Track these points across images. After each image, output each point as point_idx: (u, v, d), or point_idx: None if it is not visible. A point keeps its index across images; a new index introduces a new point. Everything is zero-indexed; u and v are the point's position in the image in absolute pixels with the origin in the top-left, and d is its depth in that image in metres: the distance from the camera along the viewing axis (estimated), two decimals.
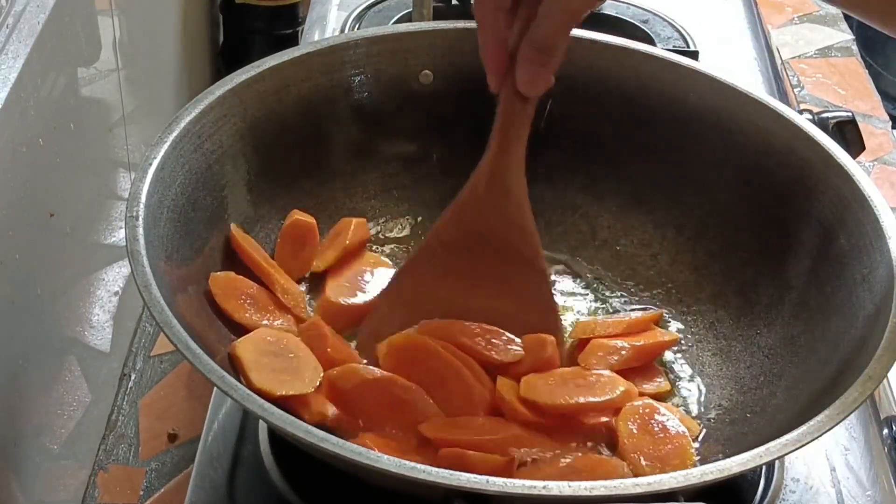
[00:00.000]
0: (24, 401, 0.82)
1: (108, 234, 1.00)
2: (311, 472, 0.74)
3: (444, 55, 0.91)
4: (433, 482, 0.60)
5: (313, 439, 0.61)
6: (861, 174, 0.79)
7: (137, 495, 0.92)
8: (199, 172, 0.80)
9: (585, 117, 0.91)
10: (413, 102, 0.91)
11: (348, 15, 1.17)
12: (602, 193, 0.92)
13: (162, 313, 0.66)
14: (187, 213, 0.77)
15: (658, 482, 0.61)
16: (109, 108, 1.00)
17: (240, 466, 0.77)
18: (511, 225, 0.79)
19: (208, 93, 0.82)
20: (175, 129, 0.78)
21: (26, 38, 0.80)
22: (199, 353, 0.64)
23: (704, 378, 0.82)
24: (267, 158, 0.86)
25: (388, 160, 0.92)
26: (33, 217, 0.82)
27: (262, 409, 0.63)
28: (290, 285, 0.81)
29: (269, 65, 0.85)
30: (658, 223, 0.90)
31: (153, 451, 0.95)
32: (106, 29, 0.98)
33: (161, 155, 0.76)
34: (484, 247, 0.79)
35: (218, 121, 0.82)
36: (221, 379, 0.64)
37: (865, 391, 0.66)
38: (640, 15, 1.18)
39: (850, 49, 1.44)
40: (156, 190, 0.74)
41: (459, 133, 0.92)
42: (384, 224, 0.91)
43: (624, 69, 0.90)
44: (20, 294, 0.80)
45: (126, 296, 1.02)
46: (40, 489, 0.85)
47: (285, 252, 0.84)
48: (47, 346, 0.87)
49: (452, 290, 0.80)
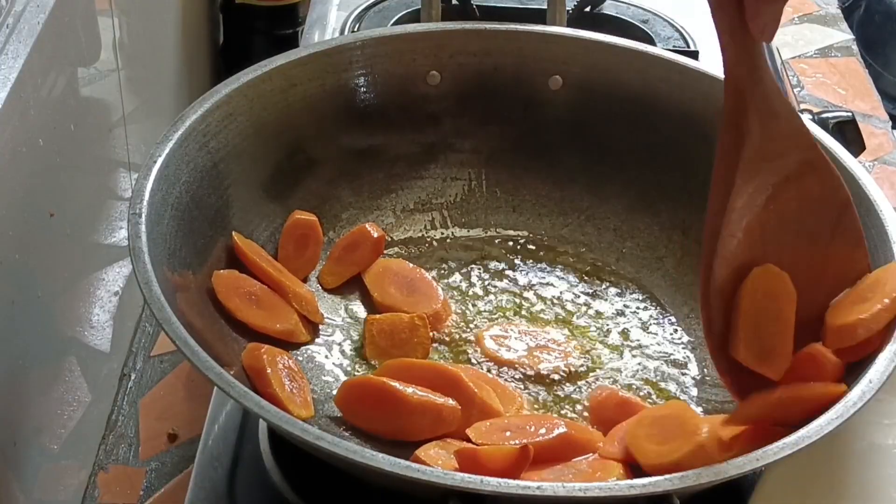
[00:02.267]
0: (24, 401, 0.82)
1: (108, 234, 1.00)
2: (310, 472, 0.74)
3: (451, 56, 0.91)
4: (427, 481, 0.60)
5: (309, 437, 0.61)
6: (865, 175, 0.79)
7: (137, 495, 0.92)
8: (204, 171, 0.80)
9: (592, 118, 0.91)
10: (420, 103, 0.91)
11: (348, 15, 1.17)
12: (608, 195, 0.92)
13: (162, 311, 0.66)
14: (191, 211, 0.77)
15: (653, 483, 0.61)
16: (109, 108, 1.00)
17: (240, 466, 0.77)
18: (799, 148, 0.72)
19: (214, 92, 0.82)
20: (180, 127, 0.78)
21: (26, 38, 0.80)
22: (198, 350, 0.64)
23: (708, 381, 0.82)
24: (272, 158, 0.86)
25: (394, 160, 0.92)
26: (33, 217, 0.82)
27: (259, 406, 0.63)
28: (302, 290, 0.81)
29: (276, 64, 0.85)
30: (664, 225, 0.90)
31: (153, 451, 0.95)
32: (106, 29, 0.98)
33: (166, 153, 0.76)
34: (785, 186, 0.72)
35: (224, 119, 0.82)
36: (220, 377, 0.64)
37: (865, 395, 0.66)
38: (640, 15, 1.18)
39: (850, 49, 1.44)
40: (160, 188, 0.74)
41: (466, 134, 0.92)
42: (390, 225, 0.91)
43: (630, 70, 0.90)
44: (20, 294, 0.80)
45: (126, 296, 1.02)
46: (40, 489, 0.85)
47: (288, 252, 0.84)
48: (47, 346, 0.87)
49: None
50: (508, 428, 0.72)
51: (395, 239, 0.91)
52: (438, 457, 0.69)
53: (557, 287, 0.88)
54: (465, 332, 0.84)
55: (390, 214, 0.91)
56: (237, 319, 0.77)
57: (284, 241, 0.85)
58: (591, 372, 0.81)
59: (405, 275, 0.86)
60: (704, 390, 0.81)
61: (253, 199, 0.84)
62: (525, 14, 1.12)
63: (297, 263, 0.84)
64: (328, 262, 0.87)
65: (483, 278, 0.89)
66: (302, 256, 0.85)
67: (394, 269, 0.87)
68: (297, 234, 0.85)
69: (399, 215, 0.92)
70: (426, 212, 0.92)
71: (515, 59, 0.92)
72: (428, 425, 0.72)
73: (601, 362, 0.82)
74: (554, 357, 0.82)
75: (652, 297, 0.88)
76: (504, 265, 0.90)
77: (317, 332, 0.82)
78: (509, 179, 0.93)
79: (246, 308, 0.77)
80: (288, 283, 0.80)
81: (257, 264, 0.80)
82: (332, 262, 0.87)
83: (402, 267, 0.87)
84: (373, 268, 0.87)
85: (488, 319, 0.85)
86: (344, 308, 0.85)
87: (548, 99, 0.92)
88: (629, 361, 0.83)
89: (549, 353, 0.82)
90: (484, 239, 0.92)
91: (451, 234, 0.92)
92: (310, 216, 0.85)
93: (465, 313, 0.85)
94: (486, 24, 0.92)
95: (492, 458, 0.66)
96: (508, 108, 0.92)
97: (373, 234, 0.87)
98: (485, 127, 0.92)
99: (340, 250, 0.87)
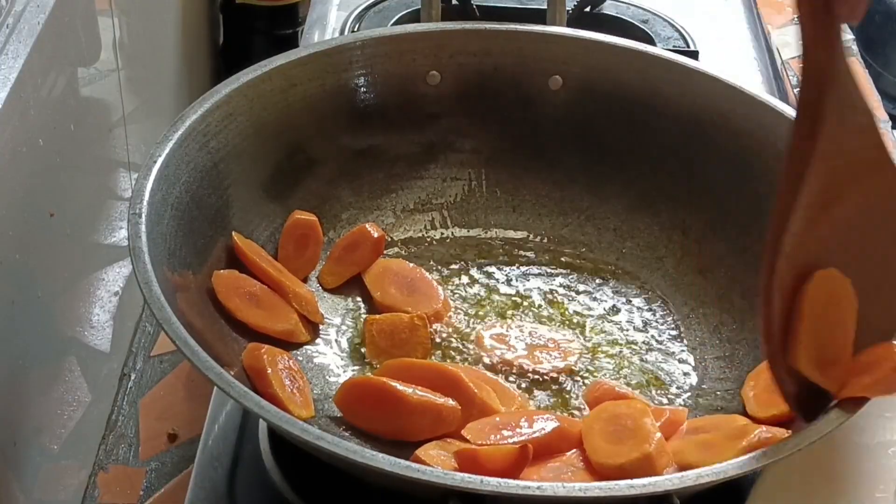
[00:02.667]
0: (24, 401, 0.82)
1: (108, 234, 1.00)
2: (310, 472, 0.74)
3: (451, 56, 0.91)
4: (427, 481, 0.60)
5: (310, 437, 0.61)
6: None
7: (137, 495, 0.92)
8: (205, 171, 0.80)
9: (592, 118, 0.92)
10: (420, 103, 0.91)
11: (348, 15, 1.17)
12: (608, 195, 0.92)
13: (162, 311, 0.66)
14: (191, 211, 0.77)
15: (653, 483, 0.61)
16: (109, 108, 1.00)
17: (240, 466, 0.77)
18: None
19: (214, 91, 0.82)
20: (180, 127, 0.78)
21: (26, 38, 0.80)
22: (198, 351, 0.64)
23: (707, 381, 0.82)
24: (272, 158, 0.86)
25: (394, 160, 0.92)
26: (33, 217, 0.82)
27: (259, 406, 0.63)
28: (302, 290, 0.81)
29: (276, 64, 0.85)
30: (664, 225, 0.90)
31: (153, 451, 0.95)
32: (106, 29, 0.98)
33: (166, 153, 0.76)
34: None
35: (224, 119, 0.82)
36: (220, 377, 0.64)
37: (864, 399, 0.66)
38: (640, 15, 1.18)
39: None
40: (160, 188, 0.74)
41: (466, 134, 0.92)
42: (389, 225, 0.91)
43: (630, 70, 0.90)
44: (20, 294, 0.80)
45: (126, 296, 1.02)
46: (40, 489, 0.85)
47: (288, 252, 0.84)
48: (47, 345, 0.87)
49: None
50: (502, 425, 0.72)
51: (395, 239, 0.91)
52: (438, 457, 0.69)
53: (558, 287, 0.88)
54: (466, 332, 0.84)
55: (390, 214, 0.91)
56: (237, 319, 0.77)
57: (284, 241, 0.85)
58: (591, 371, 0.81)
59: (405, 275, 0.86)
60: (702, 391, 0.81)
61: (253, 199, 0.84)
62: (525, 14, 1.12)
63: (297, 263, 0.84)
64: (328, 262, 0.87)
65: (483, 278, 0.89)
66: (302, 256, 0.85)
67: (394, 269, 0.87)
68: (297, 234, 0.85)
69: (399, 215, 0.92)
70: (426, 212, 0.92)
71: (515, 59, 0.92)
72: (428, 425, 0.72)
73: (601, 362, 0.82)
74: (554, 357, 0.82)
75: (652, 297, 0.88)
76: (504, 265, 0.90)
77: (317, 333, 0.82)
78: (509, 179, 0.93)
79: (246, 308, 0.77)
80: (288, 283, 0.80)
81: (257, 264, 0.80)
82: (332, 262, 0.87)
83: (403, 267, 0.87)
84: (373, 268, 0.87)
85: (488, 319, 0.85)
86: (344, 308, 0.85)
87: (548, 99, 0.92)
88: (628, 361, 0.83)
89: (549, 352, 0.82)
90: (484, 239, 0.92)
91: (451, 234, 0.92)
92: (310, 216, 0.85)
93: (465, 313, 0.85)
94: (485, 24, 0.92)
95: (492, 458, 0.66)
96: (508, 108, 0.92)
97: (373, 234, 0.87)
98: (485, 127, 0.93)
99: (340, 250, 0.87)
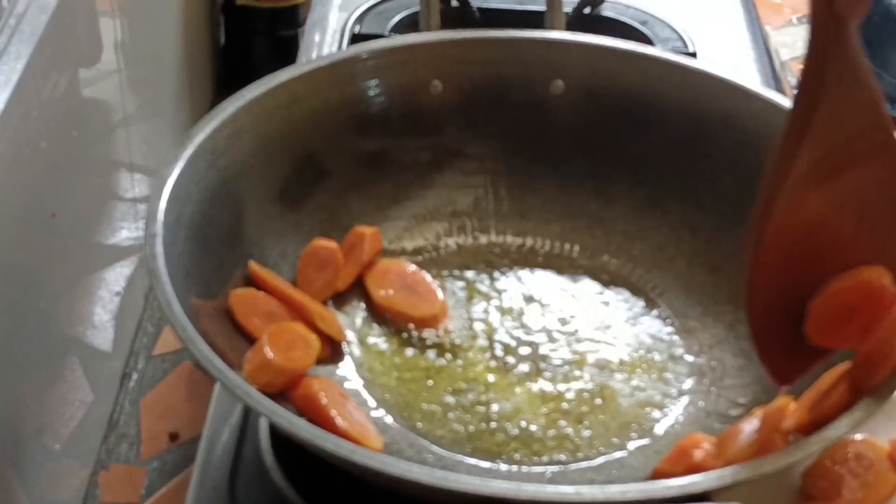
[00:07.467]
0: (25, 400, 0.82)
1: (109, 235, 1.00)
2: (312, 472, 0.74)
3: (453, 65, 0.91)
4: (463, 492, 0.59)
5: (311, 437, 0.62)
6: None
7: (139, 494, 0.92)
8: (215, 189, 0.79)
9: (596, 121, 0.91)
10: (424, 113, 0.91)
11: (349, 16, 1.17)
12: (615, 197, 0.92)
13: (185, 331, 0.66)
14: (205, 230, 0.77)
15: (691, 483, 0.61)
16: (111, 109, 1.00)
17: (241, 466, 0.77)
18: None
19: (220, 109, 0.82)
20: (189, 146, 0.78)
21: (28, 39, 0.80)
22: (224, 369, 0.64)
23: (726, 378, 0.82)
24: (281, 173, 0.86)
25: (401, 170, 0.92)
26: (35, 217, 0.83)
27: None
28: (324, 310, 0.81)
29: (280, 80, 0.85)
30: (673, 226, 0.90)
31: (154, 451, 0.95)
32: (107, 30, 0.98)
33: (177, 173, 0.76)
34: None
35: (230, 137, 0.82)
36: (274, 412, 0.63)
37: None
38: (639, 16, 1.18)
39: None
40: (172, 208, 0.74)
41: (471, 142, 0.92)
42: (398, 235, 0.91)
43: (632, 72, 0.90)
44: (22, 294, 0.81)
45: (127, 296, 1.03)
46: (42, 488, 0.85)
47: (308, 276, 0.84)
48: (49, 345, 0.87)
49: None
50: None
51: (406, 248, 0.90)
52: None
53: (567, 291, 0.88)
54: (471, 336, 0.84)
55: (400, 224, 0.91)
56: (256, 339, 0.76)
57: (304, 265, 0.84)
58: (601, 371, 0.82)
59: (406, 276, 0.87)
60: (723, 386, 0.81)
61: (264, 215, 0.84)
62: (525, 15, 1.12)
63: (316, 288, 0.84)
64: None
65: (492, 284, 0.89)
66: (321, 281, 0.85)
67: (395, 271, 0.87)
68: (316, 261, 0.85)
69: (409, 224, 0.92)
70: (435, 221, 0.92)
71: (517, 65, 0.92)
72: None
73: (611, 364, 0.83)
74: (563, 359, 0.82)
75: (664, 298, 0.88)
76: (513, 271, 0.90)
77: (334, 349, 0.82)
78: (516, 185, 0.93)
79: (265, 327, 0.77)
80: (311, 304, 0.80)
81: (277, 288, 0.79)
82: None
83: (403, 269, 0.87)
84: (374, 269, 0.87)
85: (496, 324, 0.85)
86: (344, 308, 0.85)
87: (551, 104, 0.92)
88: (644, 361, 0.83)
89: (558, 354, 0.83)
90: (492, 245, 0.92)
91: (460, 242, 0.92)
92: (330, 243, 0.85)
93: (471, 318, 0.85)
94: (486, 31, 0.93)
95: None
96: (512, 114, 0.93)
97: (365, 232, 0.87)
98: (489, 134, 0.93)
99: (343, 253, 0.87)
